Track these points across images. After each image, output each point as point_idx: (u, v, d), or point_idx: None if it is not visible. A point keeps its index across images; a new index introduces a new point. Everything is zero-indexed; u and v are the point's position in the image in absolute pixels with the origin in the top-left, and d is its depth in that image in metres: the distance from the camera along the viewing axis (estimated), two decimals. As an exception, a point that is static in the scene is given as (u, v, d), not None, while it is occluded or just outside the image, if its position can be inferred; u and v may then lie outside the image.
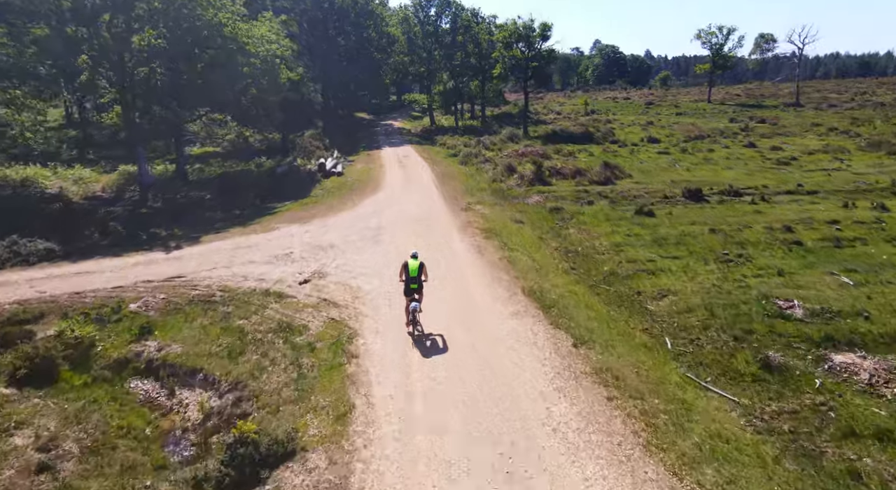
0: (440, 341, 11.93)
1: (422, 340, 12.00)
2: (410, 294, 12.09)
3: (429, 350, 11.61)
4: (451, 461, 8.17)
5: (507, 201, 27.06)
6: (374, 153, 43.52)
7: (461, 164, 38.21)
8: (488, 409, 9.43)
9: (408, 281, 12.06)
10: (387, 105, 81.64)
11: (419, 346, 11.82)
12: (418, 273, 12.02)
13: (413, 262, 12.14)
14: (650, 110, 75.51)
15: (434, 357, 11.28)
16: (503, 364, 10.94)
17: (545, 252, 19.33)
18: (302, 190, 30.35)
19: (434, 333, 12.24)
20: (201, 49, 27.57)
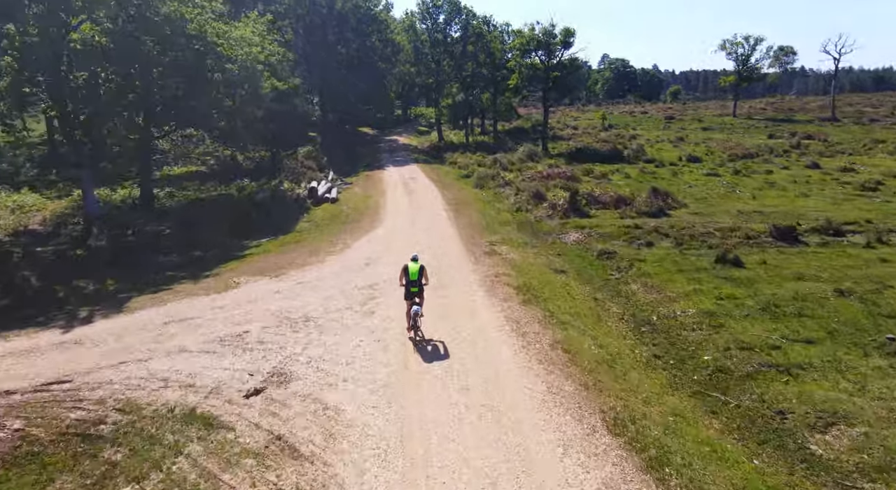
0: (441, 348, 11.32)
1: (423, 347, 11.35)
2: (411, 298, 11.57)
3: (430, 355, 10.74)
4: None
5: (539, 239, 21.33)
6: (376, 174, 37.93)
7: (476, 188, 32.58)
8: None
9: (408, 284, 11.62)
10: (391, 119, 76.42)
11: (420, 352, 11.13)
12: (419, 277, 11.63)
13: (413, 266, 11.73)
14: (672, 125, 69.97)
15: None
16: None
17: (609, 326, 13.52)
18: (285, 222, 24.71)
19: (435, 339, 11.62)
20: (160, 50, 22.13)
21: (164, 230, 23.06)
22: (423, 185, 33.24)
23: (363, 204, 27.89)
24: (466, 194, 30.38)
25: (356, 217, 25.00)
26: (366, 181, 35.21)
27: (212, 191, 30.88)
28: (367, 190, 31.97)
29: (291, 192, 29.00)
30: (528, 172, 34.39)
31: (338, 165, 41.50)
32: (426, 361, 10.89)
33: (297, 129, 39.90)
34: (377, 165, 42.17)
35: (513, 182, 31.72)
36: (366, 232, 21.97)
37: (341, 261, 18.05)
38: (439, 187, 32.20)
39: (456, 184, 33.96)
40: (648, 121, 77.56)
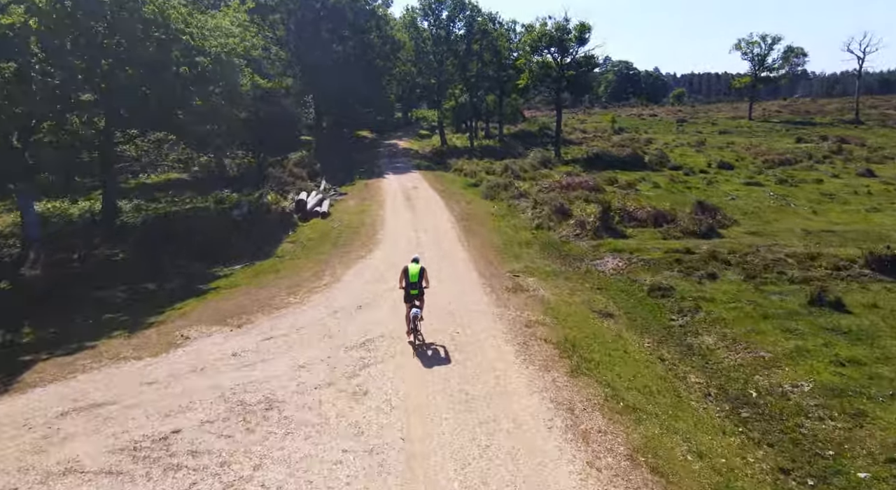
0: (441, 352, 10.62)
1: (423, 351, 10.60)
2: (411, 300, 10.86)
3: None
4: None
5: (570, 267, 17.41)
6: (374, 183, 33.97)
7: (486, 199, 28.66)
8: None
9: (408, 287, 10.92)
10: (391, 122, 72.55)
11: (420, 357, 10.19)
12: (419, 279, 10.94)
13: (413, 267, 11.04)
14: (685, 128, 66.18)
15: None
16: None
17: (694, 408, 9.54)
18: (266, 242, 20.76)
19: (436, 343, 10.80)
20: (109, 37, 18.19)
21: (119, 254, 19.09)
22: (427, 195, 29.28)
23: (358, 219, 23.92)
24: (476, 207, 26.44)
25: (349, 236, 21.02)
26: (363, 191, 31.25)
27: (186, 203, 26.91)
28: (364, 201, 28.00)
29: (276, 205, 25.03)
30: (543, 181, 30.43)
31: (332, 173, 37.56)
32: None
33: (288, 133, 35.94)
34: (376, 172, 38.21)
35: (528, 193, 27.77)
36: (360, 258, 17.98)
37: (326, 301, 14.04)
38: (445, 198, 28.24)
39: (463, 194, 30.02)
40: (659, 124, 73.79)
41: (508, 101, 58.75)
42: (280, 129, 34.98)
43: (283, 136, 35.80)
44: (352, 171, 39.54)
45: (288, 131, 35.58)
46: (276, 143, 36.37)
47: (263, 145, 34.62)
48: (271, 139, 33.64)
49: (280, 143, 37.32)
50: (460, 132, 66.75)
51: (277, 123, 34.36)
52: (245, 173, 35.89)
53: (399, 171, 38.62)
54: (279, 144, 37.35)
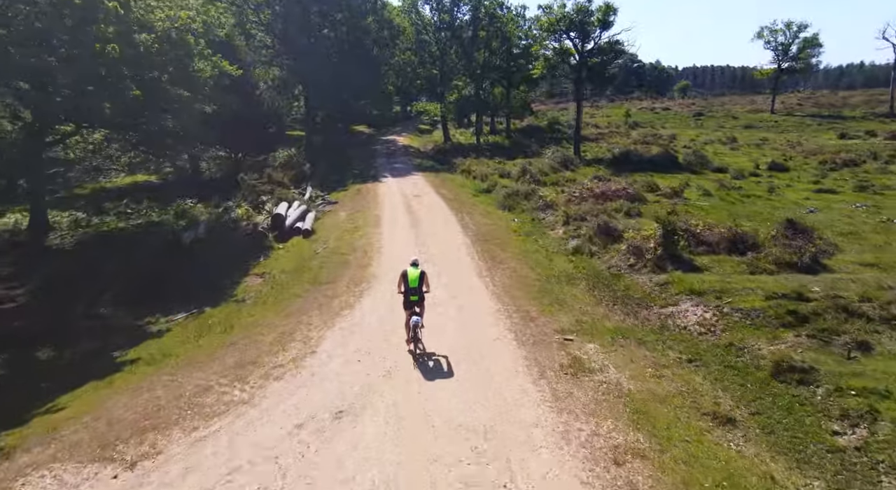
0: (444, 363, 9.58)
1: (424, 360, 9.62)
2: (411, 307, 10.17)
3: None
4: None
5: (635, 318, 12.45)
6: (370, 188, 28.75)
7: (503, 210, 23.60)
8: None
9: (407, 292, 10.17)
10: (389, 116, 67.18)
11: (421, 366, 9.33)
12: (419, 284, 10.19)
13: (413, 272, 10.28)
14: (704, 122, 61.06)
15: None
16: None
17: None
18: (227, 275, 15.66)
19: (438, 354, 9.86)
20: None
21: (16, 295, 13.97)
22: (433, 205, 24.13)
23: (348, 241, 18.78)
24: (493, 222, 21.33)
25: (334, 269, 15.87)
26: (356, 199, 26.06)
27: (141, 216, 21.76)
28: (357, 214, 22.83)
29: (247, 221, 19.90)
30: (570, 188, 25.28)
31: (322, 175, 32.36)
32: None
33: (271, 129, 30.65)
34: (372, 175, 32.99)
35: (556, 204, 22.67)
36: (346, 307, 12.83)
37: (289, 398, 8.93)
38: (455, 209, 23.11)
39: (475, 203, 24.88)
40: (674, 118, 68.56)
41: (516, 93, 53.44)
42: (261, 125, 29.69)
43: (265, 133, 30.52)
44: (345, 172, 34.32)
45: (270, 127, 30.25)
46: (257, 141, 31.12)
47: (241, 144, 29.39)
48: (250, 137, 28.37)
49: (263, 140, 32.05)
50: (463, 127, 61.54)
51: (257, 119, 29.09)
52: (225, 176, 30.72)
53: (398, 172, 33.41)
54: (262, 142, 32.09)
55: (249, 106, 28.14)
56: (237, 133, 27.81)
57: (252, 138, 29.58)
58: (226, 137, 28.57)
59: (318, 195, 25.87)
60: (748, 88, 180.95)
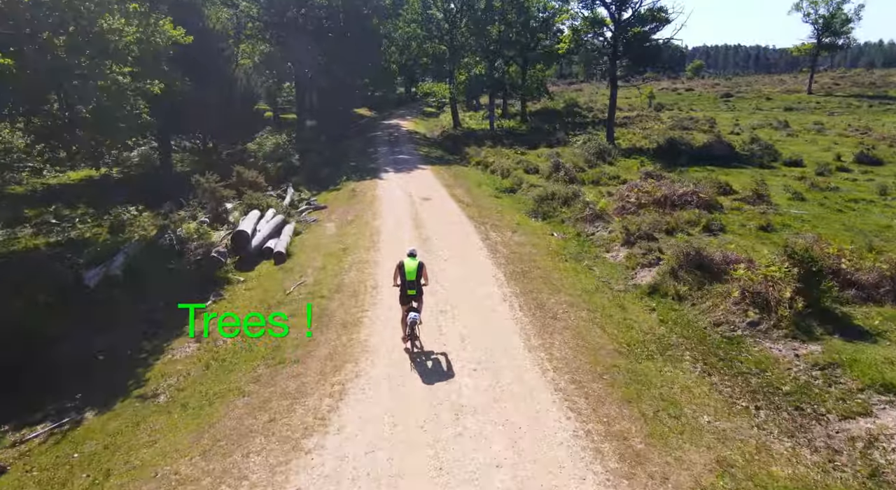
0: (443, 361, 8.62)
1: (422, 360, 8.65)
2: (408, 302, 9.09)
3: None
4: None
5: (813, 449, 6.98)
6: (368, 187, 23.22)
7: (535, 218, 18.26)
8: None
9: (404, 285, 9.07)
10: (392, 98, 61.15)
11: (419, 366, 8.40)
12: (416, 276, 9.09)
13: (410, 263, 9.15)
14: (736, 104, 54.94)
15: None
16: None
17: None
18: (137, 345, 10.34)
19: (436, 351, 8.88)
20: None
21: None
22: (446, 212, 18.64)
23: (333, 272, 13.36)
24: (529, 239, 15.88)
25: (309, 333, 10.47)
26: (349, 203, 20.58)
27: (63, 231, 16.41)
28: (348, 227, 17.37)
29: (198, 240, 14.43)
30: (621, 189, 19.72)
31: (312, 169, 26.84)
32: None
33: (248, 113, 25.08)
34: (371, 168, 27.44)
35: (607, 213, 17.19)
36: (314, 426, 7.44)
37: None
38: (475, 219, 17.63)
39: (499, 208, 19.42)
40: (699, 99, 62.28)
41: (533, 72, 47.41)
42: (237, 108, 24.12)
43: (246, 117, 24.97)
44: (340, 165, 28.78)
45: (247, 111, 24.67)
46: (237, 128, 25.57)
47: (215, 131, 23.88)
48: (225, 122, 22.86)
49: (243, 126, 26.48)
50: (472, 110, 55.59)
51: (232, 101, 23.53)
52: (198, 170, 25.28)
53: (402, 165, 27.82)
54: (243, 129, 26.53)
55: (221, 85, 22.56)
56: (208, 118, 22.32)
57: (229, 124, 24.04)
58: (194, 124, 23.08)
59: (301, 199, 20.42)
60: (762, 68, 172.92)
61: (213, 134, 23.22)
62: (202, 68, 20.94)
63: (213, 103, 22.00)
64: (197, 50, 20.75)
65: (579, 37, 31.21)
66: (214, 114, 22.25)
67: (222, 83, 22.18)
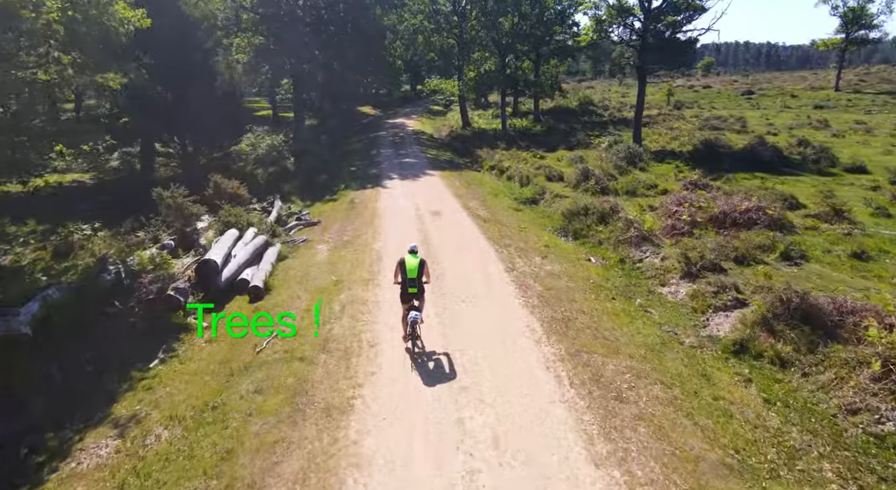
0: (445, 362, 8.12)
1: (423, 360, 8.21)
2: (409, 300, 8.63)
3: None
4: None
5: None
6: (369, 197, 20.16)
7: (564, 237, 15.26)
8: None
9: (405, 283, 8.59)
10: (397, 96, 58.05)
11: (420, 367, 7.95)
12: (418, 273, 8.59)
13: (411, 260, 8.63)
14: (760, 102, 51.52)
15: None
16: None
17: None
18: (52, 428, 7.36)
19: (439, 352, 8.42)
20: None
21: None
22: (460, 230, 15.56)
23: (321, 319, 10.32)
24: (563, 267, 12.79)
25: (273, 432, 7.44)
26: (346, 219, 17.53)
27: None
28: (343, 252, 14.32)
29: (153, 273, 11.38)
30: (665, 201, 16.60)
31: (308, 175, 23.87)
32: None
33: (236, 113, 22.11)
34: (373, 174, 24.41)
35: (655, 235, 14.11)
36: None
37: None
38: (495, 240, 14.55)
39: (521, 224, 16.35)
40: (720, 96, 58.84)
41: (546, 68, 44.19)
42: (221, 105, 21.15)
43: (230, 117, 21.99)
44: (339, 170, 25.79)
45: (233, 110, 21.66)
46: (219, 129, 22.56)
47: (197, 132, 20.90)
48: (201, 123, 19.88)
49: (230, 127, 23.50)
50: (481, 108, 52.42)
51: (213, 99, 20.55)
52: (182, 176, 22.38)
53: (408, 170, 24.75)
54: (228, 130, 23.54)
55: (201, 81, 19.57)
56: (187, 118, 19.34)
57: (212, 125, 21.04)
58: (171, 125, 20.10)
59: (291, 213, 17.41)
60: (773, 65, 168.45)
61: (194, 136, 20.23)
62: (178, 61, 17.96)
63: (193, 101, 19.00)
64: (172, 40, 17.78)
65: (602, 28, 27.99)
66: (194, 113, 19.27)
67: (203, 78, 19.18)
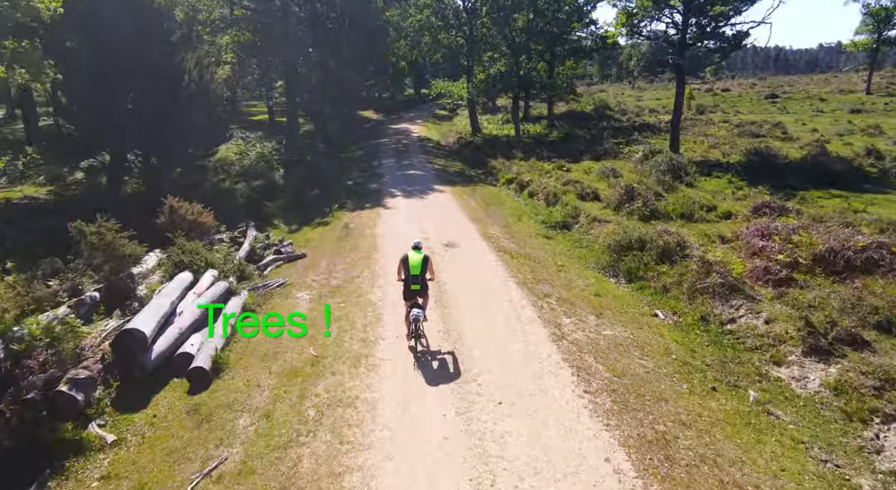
0: (450, 361, 7.79)
1: (426, 359, 7.84)
2: (412, 298, 8.35)
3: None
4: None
5: None
6: (366, 222, 16.53)
7: (614, 279, 11.67)
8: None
9: (408, 280, 8.34)
10: (400, 100, 54.60)
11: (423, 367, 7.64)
12: (421, 270, 8.33)
13: (415, 256, 8.42)
14: (785, 105, 47.86)
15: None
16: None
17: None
18: None
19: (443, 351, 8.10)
20: None
21: None
22: (482, 274, 11.92)
23: (284, 438, 6.77)
24: (630, 332, 9.19)
25: None
26: (337, 252, 13.93)
27: None
28: (332, 300, 10.73)
29: (47, 351, 7.74)
30: (741, 233, 12.95)
31: (297, 191, 20.36)
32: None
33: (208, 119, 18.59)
34: (373, 190, 20.87)
35: (744, 285, 10.46)
36: None
37: None
38: (530, 287, 10.95)
39: (558, 260, 12.77)
40: (742, 100, 55.07)
41: (561, 69, 40.65)
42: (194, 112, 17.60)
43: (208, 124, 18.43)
44: (333, 184, 22.27)
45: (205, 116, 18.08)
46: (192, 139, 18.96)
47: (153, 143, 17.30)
48: (167, 132, 16.35)
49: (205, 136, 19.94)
50: (489, 113, 48.90)
51: (183, 103, 17.01)
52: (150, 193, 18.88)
53: (414, 186, 21.20)
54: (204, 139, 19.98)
55: (164, 81, 16.05)
56: (146, 125, 15.81)
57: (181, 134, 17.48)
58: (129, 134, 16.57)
59: (267, 245, 13.81)
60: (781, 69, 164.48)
61: (161, 146, 16.71)
62: (132, 56, 14.50)
63: (156, 104, 15.52)
64: (124, 30, 14.30)
65: (633, 22, 24.41)
66: (158, 119, 15.79)
67: (169, 77, 15.69)
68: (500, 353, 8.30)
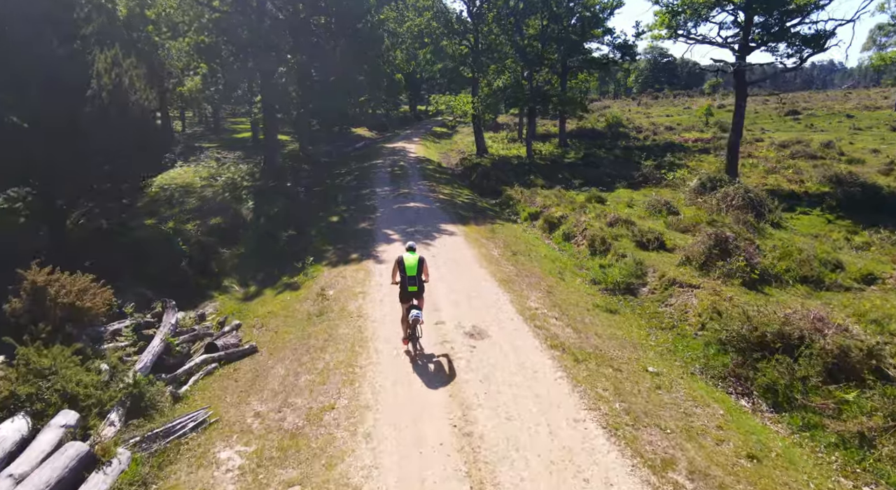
0: (445, 364, 7.51)
1: (423, 362, 7.63)
2: (408, 299, 8.10)
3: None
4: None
5: None
6: (349, 291, 11.71)
7: (742, 398, 7.01)
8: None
9: (404, 282, 8.10)
10: (396, 117, 50.26)
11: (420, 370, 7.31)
12: (417, 271, 8.13)
13: (410, 258, 8.19)
14: (812, 122, 43.96)
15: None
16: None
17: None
18: None
19: (438, 354, 7.77)
20: None
21: None
22: (543, 404, 7.17)
23: None
24: None
25: None
26: (303, 349, 9.11)
27: None
28: (275, 473, 5.91)
29: None
30: None
31: (264, 232, 15.58)
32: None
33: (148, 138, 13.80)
34: (361, 232, 16.07)
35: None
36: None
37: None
38: (618, 425, 6.23)
39: (646, 364, 8.01)
40: (761, 117, 51.29)
41: (575, 82, 36.51)
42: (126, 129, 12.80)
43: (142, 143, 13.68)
44: (312, 223, 17.52)
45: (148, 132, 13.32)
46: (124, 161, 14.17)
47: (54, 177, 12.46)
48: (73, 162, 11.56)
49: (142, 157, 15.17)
50: (491, 131, 44.67)
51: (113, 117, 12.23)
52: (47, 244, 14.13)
53: (416, 224, 16.42)
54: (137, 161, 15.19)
55: (65, 95, 11.34)
56: (40, 155, 11.03)
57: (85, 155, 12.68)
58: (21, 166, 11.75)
59: (197, 333, 8.98)
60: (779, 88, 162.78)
61: (58, 178, 11.90)
62: (26, 56, 9.84)
63: (53, 122, 10.81)
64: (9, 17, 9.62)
65: (677, 22, 20.07)
66: (63, 141, 11.09)
67: (70, 85, 11.00)
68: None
